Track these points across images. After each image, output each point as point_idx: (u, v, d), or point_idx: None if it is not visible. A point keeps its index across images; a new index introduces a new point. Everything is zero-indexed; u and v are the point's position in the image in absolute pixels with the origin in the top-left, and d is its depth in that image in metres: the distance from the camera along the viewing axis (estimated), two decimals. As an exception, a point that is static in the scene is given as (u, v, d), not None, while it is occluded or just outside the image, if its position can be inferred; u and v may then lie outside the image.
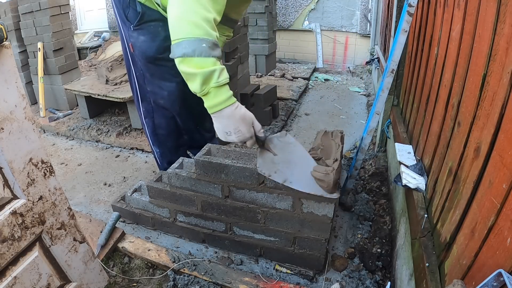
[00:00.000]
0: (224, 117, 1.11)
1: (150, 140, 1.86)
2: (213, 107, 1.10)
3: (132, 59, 1.63)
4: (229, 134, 1.13)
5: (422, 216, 1.18)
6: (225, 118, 1.11)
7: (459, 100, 1.03)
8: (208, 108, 1.11)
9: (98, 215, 1.94)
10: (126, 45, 1.60)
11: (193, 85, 1.07)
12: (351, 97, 3.78)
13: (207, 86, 1.06)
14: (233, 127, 1.12)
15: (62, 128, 3.02)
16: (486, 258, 0.72)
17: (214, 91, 1.07)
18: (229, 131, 1.13)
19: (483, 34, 0.89)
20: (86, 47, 5.17)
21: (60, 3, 3.15)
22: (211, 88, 1.07)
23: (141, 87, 1.69)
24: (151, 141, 1.86)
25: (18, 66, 3.26)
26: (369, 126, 1.81)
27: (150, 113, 1.75)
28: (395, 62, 1.62)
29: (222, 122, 1.12)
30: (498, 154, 0.74)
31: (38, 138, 1.00)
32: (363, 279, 1.46)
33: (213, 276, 1.45)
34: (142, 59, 1.58)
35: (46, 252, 1.08)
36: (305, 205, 1.35)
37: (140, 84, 1.68)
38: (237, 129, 1.12)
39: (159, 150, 1.87)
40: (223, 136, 1.15)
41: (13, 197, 0.96)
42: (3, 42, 0.86)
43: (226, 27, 1.71)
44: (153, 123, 1.77)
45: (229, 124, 1.12)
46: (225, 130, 1.13)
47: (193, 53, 1.04)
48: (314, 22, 4.92)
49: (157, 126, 1.78)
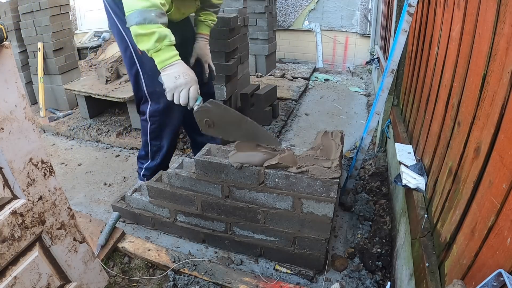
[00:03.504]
0: (175, 66, 1.34)
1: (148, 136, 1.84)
2: (166, 60, 1.32)
3: (139, 61, 1.64)
4: (178, 77, 1.32)
5: (422, 216, 1.18)
6: (176, 66, 1.34)
7: (459, 100, 1.03)
8: (162, 62, 1.33)
9: (98, 215, 1.94)
10: (132, 48, 1.62)
11: (147, 43, 1.29)
12: (351, 97, 3.78)
13: (161, 43, 1.29)
14: (182, 71, 1.34)
15: (62, 128, 3.02)
16: (486, 258, 0.72)
17: (167, 48, 1.32)
18: (179, 75, 1.33)
19: (483, 34, 0.89)
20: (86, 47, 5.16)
21: (60, 3, 3.15)
22: (164, 45, 1.30)
23: (149, 87, 1.70)
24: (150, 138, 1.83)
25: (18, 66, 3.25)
26: (369, 126, 1.81)
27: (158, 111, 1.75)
28: (395, 62, 1.62)
29: (173, 69, 1.33)
30: (498, 154, 0.74)
31: (38, 138, 1.00)
32: (363, 279, 1.46)
33: (213, 276, 1.45)
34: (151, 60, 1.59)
35: (46, 252, 1.08)
36: (305, 205, 1.35)
37: (148, 84, 1.69)
38: (185, 73, 1.34)
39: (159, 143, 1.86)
40: (172, 81, 1.32)
41: (13, 197, 0.96)
42: (3, 42, 0.86)
43: (209, 12, 1.81)
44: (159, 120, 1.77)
45: (179, 70, 1.34)
46: (175, 75, 1.32)
47: (144, 20, 1.27)
48: (314, 22, 4.92)
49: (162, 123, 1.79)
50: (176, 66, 1.34)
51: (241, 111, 2.97)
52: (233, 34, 2.64)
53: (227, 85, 2.59)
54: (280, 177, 1.33)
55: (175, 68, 1.34)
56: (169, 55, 1.33)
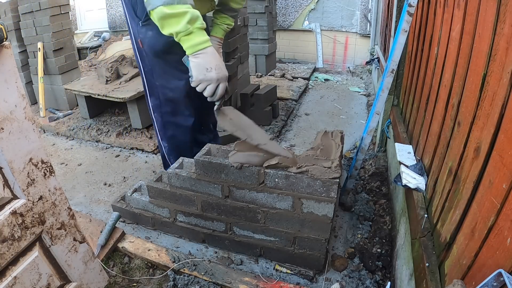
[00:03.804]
0: (208, 54, 1.20)
1: (158, 135, 1.86)
2: (198, 45, 1.18)
3: (140, 54, 1.64)
4: (210, 70, 1.20)
5: (422, 216, 1.18)
6: (208, 55, 1.20)
7: (459, 100, 1.03)
8: (193, 47, 1.19)
9: (98, 215, 1.94)
10: (135, 41, 1.62)
11: (177, 26, 1.15)
12: (351, 97, 3.78)
13: (193, 26, 1.15)
14: (215, 63, 1.21)
15: (62, 128, 3.02)
16: (486, 258, 0.72)
17: (199, 31, 1.18)
18: (211, 67, 1.20)
19: (483, 34, 0.89)
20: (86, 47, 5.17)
21: (60, 3, 3.15)
22: (195, 28, 1.16)
23: (149, 82, 1.71)
24: (160, 136, 1.86)
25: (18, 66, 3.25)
26: (369, 126, 1.81)
27: (158, 108, 1.76)
28: (395, 62, 1.62)
29: (205, 58, 1.20)
30: (498, 154, 0.74)
31: (38, 138, 1.00)
32: (363, 279, 1.46)
33: (213, 276, 1.45)
34: (150, 54, 1.60)
35: (46, 252, 1.08)
36: (305, 205, 1.35)
37: (148, 79, 1.70)
38: (218, 65, 1.21)
39: (167, 145, 1.87)
40: (202, 72, 1.21)
41: (13, 197, 0.96)
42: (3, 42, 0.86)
43: (227, 16, 1.75)
44: (161, 117, 1.78)
45: (212, 60, 1.20)
46: (207, 66, 1.20)
47: (173, 1, 1.14)
48: (314, 22, 4.92)
49: (166, 121, 1.79)
50: (209, 54, 1.20)
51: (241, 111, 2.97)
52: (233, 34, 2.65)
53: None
54: (280, 177, 1.33)
55: (208, 57, 1.20)
56: (202, 39, 1.19)
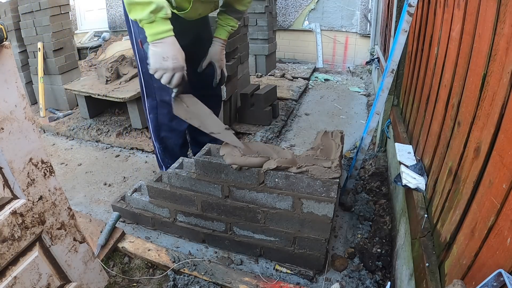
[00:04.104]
0: (166, 44, 1.23)
1: (152, 136, 1.87)
2: (158, 34, 1.22)
3: (140, 55, 1.64)
4: (166, 59, 1.23)
5: (422, 216, 1.18)
6: (167, 44, 1.23)
7: (459, 100, 1.03)
8: (153, 35, 1.22)
9: (98, 215, 1.94)
10: (135, 41, 1.62)
11: (141, 13, 1.19)
12: (351, 97, 3.78)
13: (156, 15, 1.19)
14: (172, 53, 1.24)
15: (62, 128, 3.02)
16: (486, 258, 0.72)
17: (161, 21, 1.21)
18: (167, 57, 1.23)
19: (483, 34, 0.89)
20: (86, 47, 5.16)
21: (60, 3, 3.15)
22: (159, 17, 1.20)
23: (147, 83, 1.71)
24: (154, 137, 1.86)
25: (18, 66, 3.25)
26: (369, 126, 1.81)
27: (154, 109, 1.76)
28: (395, 62, 1.62)
29: (163, 47, 1.23)
30: (498, 154, 0.74)
31: (38, 138, 1.00)
32: (363, 279, 1.46)
33: (213, 276, 1.45)
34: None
35: (46, 252, 1.08)
36: (305, 205, 1.35)
37: (146, 79, 1.70)
38: (175, 56, 1.24)
39: (160, 146, 1.87)
40: (159, 61, 1.24)
41: (13, 197, 0.96)
42: (3, 42, 0.86)
43: (231, 18, 1.74)
44: (156, 119, 1.78)
45: (169, 50, 1.23)
46: (164, 55, 1.23)
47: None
48: (314, 22, 4.92)
49: (160, 122, 1.79)
50: (168, 44, 1.24)
51: (241, 111, 2.99)
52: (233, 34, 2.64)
53: (227, 85, 2.59)
54: (280, 177, 1.33)
55: (166, 46, 1.24)
56: (162, 29, 1.23)
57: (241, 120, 2.95)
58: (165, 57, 1.24)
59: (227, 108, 2.75)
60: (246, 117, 2.92)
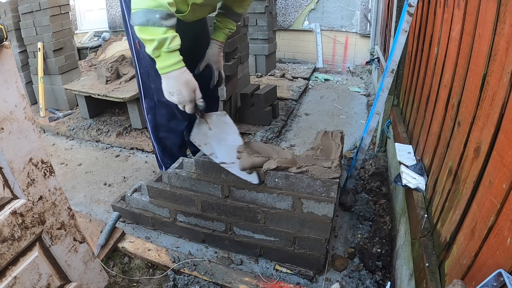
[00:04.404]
0: (170, 78, 1.25)
1: (151, 136, 1.87)
2: (163, 69, 1.25)
3: (137, 55, 1.64)
4: (172, 94, 1.27)
5: (422, 216, 1.18)
6: (171, 79, 1.25)
7: (459, 100, 1.03)
8: (159, 69, 1.25)
9: (98, 215, 1.94)
10: (132, 42, 1.62)
11: (148, 49, 1.22)
12: (351, 97, 3.78)
13: (159, 50, 1.21)
14: (176, 88, 1.25)
15: (62, 128, 3.02)
16: (486, 258, 0.72)
17: (165, 55, 1.23)
18: (172, 91, 1.26)
19: (483, 34, 0.89)
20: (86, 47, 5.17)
21: (60, 3, 3.15)
22: (162, 52, 1.22)
23: (144, 84, 1.71)
24: (152, 137, 1.87)
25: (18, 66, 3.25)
26: (369, 126, 1.81)
27: (152, 110, 1.76)
28: (395, 62, 1.62)
29: (168, 82, 1.26)
30: (498, 154, 0.74)
31: (38, 138, 1.00)
32: (363, 279, 1.46)
33: (213, 276, 1.45)
34: (147, 56, 1.59)
35: (46, 252, 1.08)
36: (305, 205, 1.35)
37: (143, 80, 1.70)
38: (180, 91, 1.26)
39: (159, 147, 1.88)
40: (167, 95, 1.28)
41: (13, 197, 0.96)
42: (3, 42, 0.86)
43: (230, 21, 1.73)
44: (154, 119, 1.78)
45: (173, 85, 1.25)
46: (169, 90, 1.26)
47: (147, 22, 1.18)
48: (314, 22, 4.92)
49: (159, 123, 1.79)
50: (172, 78, 1.25)
51: (241, 111, 2.99)
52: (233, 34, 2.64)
53: (227, 85, 2.59)
54: (280, 177, 1.33)
55: (171, 81, 1.26)
56: (167, 64, 1.24)
57: (241, 120, 2.95)
58: (171, 91, 1.26)
59: (227, 108, 2.76)
60: (246, 117, 2.92)
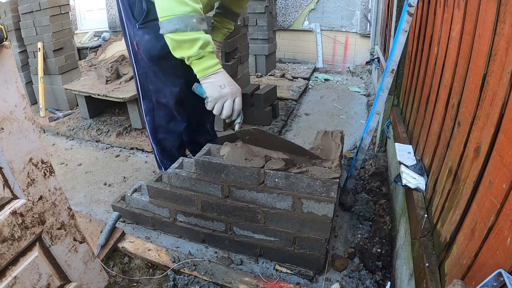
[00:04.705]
0: (218, 75, 1.25)
1: (150, 138, 1.87)
2: (209, 68, 1.23)
3: (135, 57, 1.63)
4: (223, 87, 1.24)
5: (422, 216, 1.18)
6: (219, 74, 1.25)
7: (459, 100, 1.03)
8: (203, 71, 1.23)
9: (98, 215, 1.94)
10: (130, 43, 1.61)
11: (189, 50, 1.19)
12: (351, 97, 3.78)
13: (204, 50, 1.20)
14: (227, 80, 1.25)
15: (62, 128, 3.02)
16: (486, 258, 0.72)
17: (210, 55, 1.22)
18: (224, 84, 1.24)
19: (483, 34, 0.89)
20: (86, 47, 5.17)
21: (60, 3, 3.15)
22: (207, 52, 1.21)
23: (143, 85, 1.70)
24: (151, 139, 1.87)
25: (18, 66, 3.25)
26: (369, 126, 1.81)
27: (150, 111, 1.76)
28: (395, 62, 1.62)
29: (217, 77, 1.25)
30: (498, 154, 0.74)
31: (38, 138, 1.00)
32: (363, 279, 1.46)
33: (213, 276, 1.45)
34: (146, 57, 1.59)
35: (46, 252, 1.08)
36: (305, 205, 1.35)
37: (142, 82, 1.69)
38: (230, 82, 1.26)
39: (158, 148, 1.88)
40: (217, 90, 1.25)
41: (13, 197, 0.96)
42: (3, 42, 0.86)
43: (228, 20, 1.73)
44: (153, 120, 1.78)
45: (223, 78, 1.25)
46: (220, 84, 1.24)
47: (186, 28, 1.17)
48: (314, 22, 4.92)
49: (157, 124, 1.79)
50: (220, 74, 1.25)
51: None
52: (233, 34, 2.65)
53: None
54: (280, 177, 1.33)
55: (220, 76, 1.25)
56: (212, 63, 1.23)
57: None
58: (222, 85, 1.24)
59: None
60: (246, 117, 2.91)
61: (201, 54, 1.20)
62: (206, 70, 1.23)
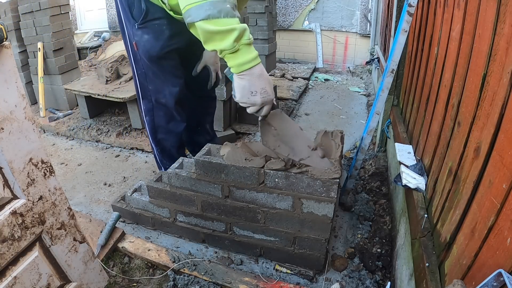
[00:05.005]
0: (254, 75, 1.08)
1: (150, 138, 1.87)
2: (244, 64, 1.06)
3: (134, 57, 1.63)
4: (254, 94, 1.10)
5: (422, 216, 1.18)
6: (255, 76, 1.08)
7: (459, 100, 1.03)
8: (237, 66, 1.07)
9: (98, 215, 1.94)
10: (129, 43, 1.61)
11: (223, 43, 1.03)
12: (351, 97, 3.78)
13: (239, 42, 1.03)
14: (260, 87, 1.09)
15: (62, 128, 3.02)
16: (486, 258, 0.72)
17: (245, 48, 1.05)
18: (255, 91, 1.09)
19: (483, 34, 0.89)
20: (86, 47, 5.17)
21: (60, 3, 3.15)
22: (242, 44, 1.04)
23: (142, 85, 1.70)
24: (151, 139, 1.87)
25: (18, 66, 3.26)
26: (369, 126, 1.81)
27: (150, 111, 1.76)
28: (395, 62, 1.62)
29: (250, 80, 1.08)
30: (498, 154, 0.74)
31: (38, 138, 1.00)
32: (363, 279, 1.46)
33: (213, 276, 1.45)
34: (145, 58, 1.58)
35: (46, 252, 1.08)
36: (305, 205, 1.35)
37: (141, 81, 1.69)
38: (264, 89, 1.10)
39: (158, 148, 1.88)
40: (246, 96, 1.11)
41: (13, 197, 0.96)
42: (3, 42, 0.86)
43: None
44: (153, 121, 1.78)
45: (258, 83, 1.08)
46: (251, 90, 1.09)
47: (219, 13, 1.01)
48: (314, 22, 4.92)
49: (157, 124, 1.79)
50: (255, 76, 1.08)
51: (241, 111, 2.98)
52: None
53: (226, 85, 2.59)
54: (280, 177, 1.33)
55: (253, 79, 1.08)
56: (248, 58, 1.06)
57: (241, 120, 2.95)
58: (253, 91, 1.10)
59: (227, 108, 2.75)
60: (246, 117, 2.92)
61: (236, 48, 1.04)
62: (241, 66, 1.07)
